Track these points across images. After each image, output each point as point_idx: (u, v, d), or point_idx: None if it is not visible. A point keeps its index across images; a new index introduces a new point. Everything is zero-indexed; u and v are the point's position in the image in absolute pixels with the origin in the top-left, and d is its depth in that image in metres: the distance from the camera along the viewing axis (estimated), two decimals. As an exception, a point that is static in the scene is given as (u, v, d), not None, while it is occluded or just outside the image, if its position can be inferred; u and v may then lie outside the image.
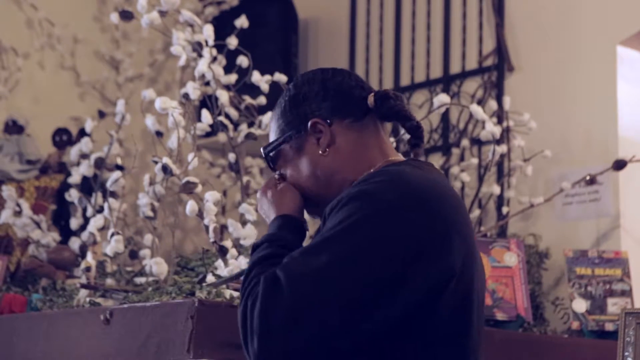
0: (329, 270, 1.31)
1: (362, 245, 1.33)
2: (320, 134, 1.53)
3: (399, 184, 1.38)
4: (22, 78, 4.53)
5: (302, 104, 1.56)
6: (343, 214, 1.36)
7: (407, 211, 1.35)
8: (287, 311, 1.30)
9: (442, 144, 4.33)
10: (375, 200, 1.35)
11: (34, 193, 4.12)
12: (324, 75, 1.58)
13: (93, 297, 3.07)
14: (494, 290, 3.19)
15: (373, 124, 1.55)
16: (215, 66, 3.38)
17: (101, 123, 4.22)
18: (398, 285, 1.33)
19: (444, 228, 1.39)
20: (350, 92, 1.55)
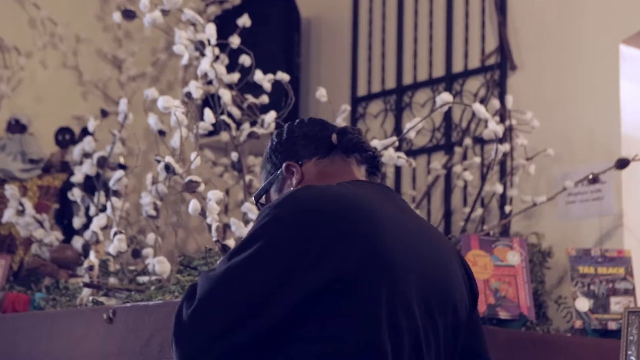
0: (227, 277, 1.52)
1: (252, 254, 1.53)
2: (292, 174, 1.77)
3: (292, 199, 1.58)
4: (24, 77, 4.53)
5: (278, 153, 1.81)
6: (253, 228, 1.58)
7: (292, 222, 1.54)
8: (193, 314, 1.51)
9: (444, 142, 4.33)
10: (269, 214, 1.56)
11: (37, 192, 4.12)
12: (292, 126, 1.84)
13: (96, 296, 3.07)
14: (497, 289, 3.19)
15: (339, 158, 1.77)
16: (217, 65, 3.38)
17: (104, 122, 4.22)
18: (279, 287, 1.52)
19: (327, 237, 1.53)
20: (315, 135, 1.79)
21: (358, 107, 4.72)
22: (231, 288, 1.52)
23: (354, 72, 4.77)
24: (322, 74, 4.91)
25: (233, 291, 1.52)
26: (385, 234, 1.60)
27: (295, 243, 1.53)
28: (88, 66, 4.74)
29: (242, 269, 1.53)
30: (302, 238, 1.53)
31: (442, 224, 4.27)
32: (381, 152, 3.24)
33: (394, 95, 4.60)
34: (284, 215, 1.56)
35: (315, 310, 1.53)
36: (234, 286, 1.52)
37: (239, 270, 1.53)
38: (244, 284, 1.52)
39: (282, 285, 1.52)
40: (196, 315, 1.51)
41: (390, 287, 1.58)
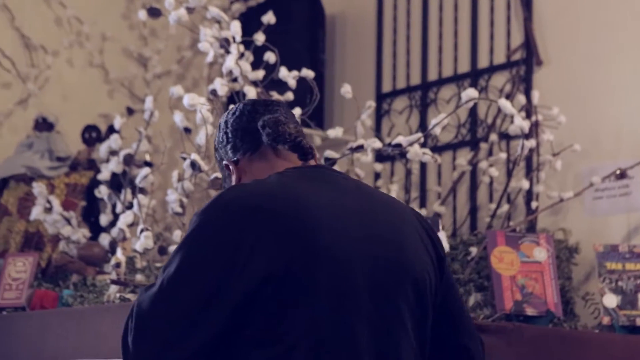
0: (164, 281, 1.53)
1: (183, 262, 1.53)
2: (232, 173, 1.76)
3: (217, 202, 1.57)
4: (51, 76, 4.57)
5: (218, 150, 1.81)
6: (186, 235, 1.59)
7: (218, 225, 1.54)
8: (138, 318, 1.55)
9: (470, 138, 4.31)
10: (196, 221, 1.57)
11: (64, 190, 4.15)
12: (226, 119, 1.80)
13: (123, 292, 3.09)
14: (523, 285, 3.18)
15: (269, 149, 1.73)
16: (242, 62, 3.39)
17: (130, 120, 4.25)
18: (215, 291, 1.51)
19: (255, 235, 1.52)
20: (244, 129, 1.76)
21: (383, 104, 4.71)
22: (170, 301, 1.53)
23: (379, 68, 4.76)
24: (347, 71, 4.91)
25: (172, 304, 1.52)
26: (318, 223, 1.57)
27: (225, 245, 1.53)
28: (114, 64, 4.77)
29: (176, 279, 1.53)
30: (231, 239, 1.52)
31: (468, 221, 4.25)
32: (406, 148, 3.23)
33: (419, 91, 4.59)
34: (210, 218, 1.56)
35: (255, 310, 1.52)
36: (172, 298, 1.52)
37: (174, 281, 1.53)
38: (181, 294, 1.52)
39: (219, 289, 1.51)
40: (139, 333, 1.54)
41: (330, 279, 1.55)
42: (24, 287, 3.53)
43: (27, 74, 4.50)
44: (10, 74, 4.47)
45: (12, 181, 4.20)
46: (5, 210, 4.15)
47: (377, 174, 4.51)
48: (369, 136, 3.66)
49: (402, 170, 4.57)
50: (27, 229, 4.07)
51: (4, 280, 3.59)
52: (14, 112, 4.47)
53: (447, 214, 4.28)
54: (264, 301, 1.52)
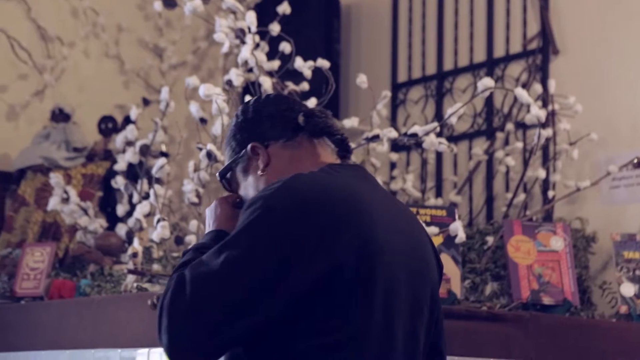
0: (224, 269, 1.49)
1: (249, 246, 1.50)
2: (258, 156, 1.71)
3: (286, 189, 1.54)
4: (67, 67, 4.58)
5: (243, 131, 1.74)
6: (241, 219, 1.55)
7: (288, 213, 1.51)
8: (188, 306, 1.48)
9: (486, 128, 4.30)
10: (263, 205, 1.53)
11: (81, 180, 4.16)
12: (258, 104, 1.76)
13: (140, 282, 3.10)
14: (540, 274, 3.17)
15: (307, 140, 1.71)
16: (258, 53, 3.39)
17: (146, 110, 4.25)
18: (278, 280, 1.49)
19: (324, 227, 1.51)
20: (282, 115, 1.72)
21: (398, 93, 4.70)
22: (229, 282, 1.49)
23: (394, 58, 4.75)
24: (362, 61, 4.90)
25: (231, 285, 1.49)
26: (375, 222, 1.59)
27: (291, 234, 1.51)
28: (129, 55, 4.78)
29: (239, 262, 1.50)
30: (298, 229, 1.51)
31: (484, 210, 4.24)
32: (422, 138, 3.22)
33: (434, 81, 4.58)
34: (277, 205, 1.53)
35: (313, 302, 1.51)
36: (232, 280, 1.49)
37: (237, 263, 1.49)
38: (242, 278, 1.49)
39: (280, 278, 1.49)
40: (193, 308, 1.48)
41: (384, 274, 1.57)
42: (41, 276, 3.55)
43: (43, 65, 4.52)
44: (27, 65, 4.49)
45: (30, 172, 4.23)
46: (22, 200, 4.17)
47: (392, 164, 4.50)
48: (385, 126, 3.65)
49: (418, 160, 4.57)
50: (45, 219, 4.09)
51: (22, 270, 3.61)
52: (30, 103, 4.49)
53: (463, 204, 4.27)
54: (323, 294, 1.52)
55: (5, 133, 4.35)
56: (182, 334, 1.49)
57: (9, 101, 4.45)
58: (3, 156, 4.37)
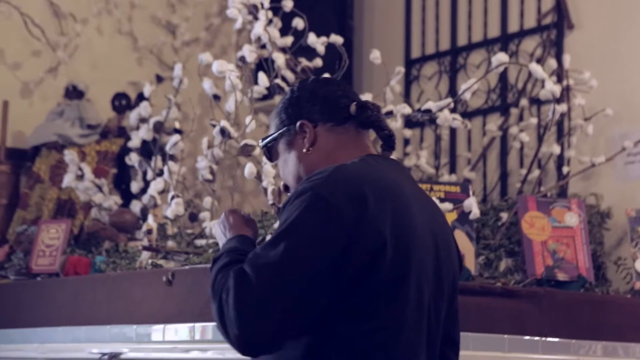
0: (285, 259, 1.56)
1: (306, 235, 1.58)
2: (305, 134, 1.77)
3: (333, 179, 1.61)
4: (81, 44, 4.58)
5: (295, 106, 1.79)
6: (291, 209, 1.60)
7: (337, 201, 1.58)
8: (257, 298, 1.55)
9: (500, 104, 4.28)
10: (313, 195, 1.60)
11: (95, 157, 4.17)
12: (316, 83, 1.83)
13: (155, 259, 3.12)
14: (554, 250, 3.17)
15: (354, 129, 1.78)
16: (271, 29, 3.38)
17: (159, 87, 4.26)
18: (336, 265, 1.57)
19: (368, 213, 1.59)
20: (336, 100, 1.78)
21: (412, 69, 4.68)
22: (294, 271, 1.56)
23: (408, 33, 4.73)
24: (376, 36, 4.88)
25: (296, 273, 1.56)
26: (412, 212, 1.67)
27: (342, 222, 1.58)
28: (142, 32, 4.77)
29: (300, 250, 1.57)
30: (347, 218, 1.58)
31: (499, 186, 4.24)
32: (436, 114, 3.22)
33: (448, 57, 4.56)
34: (326, 194, 1.59)
35: (356, 287, 1.59)
36: (296, 269, 1.56)
37: (297, 252, 1.57)
38: (305, 266, 1.57)
39: (337, 263, 1.57)
40: (263, 300, 1.54)
41: (417, 264, 1.66)
42: (57, 253, 3.57)
43: (56, 42, 4.52)
44: (40, 42, 4.48)
45: (44, 149, 4.24)
46: (37, 177, 4.19)
47: (406, 140, 4.49)
48: (398, 102, 3.64)
49: (431, 136, 4.55)
50: (60, 196, 4.10)
51: (38, 247, 3.63)
52: (44, 80, 4.50)
53: (477, 180, 4.26)
54: (366, 280, 1.59)
55: (19, 110, 4.36)
56: (254, 325, 1.54)
57: (22, 78, 4.46)
58: (17, 133, 4.38)
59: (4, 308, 3.49)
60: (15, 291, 3.52)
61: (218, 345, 2.65)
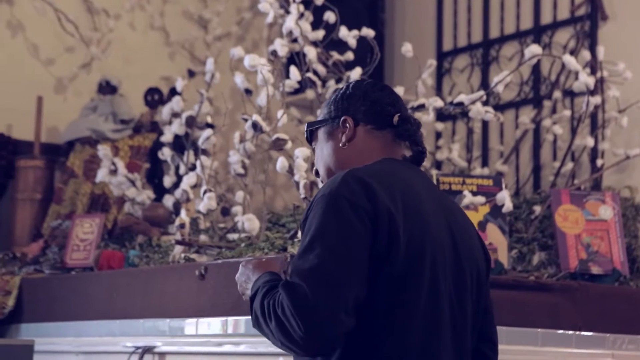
0: (327, 259, 1.65)
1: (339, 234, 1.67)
2: (345, 129, 1.86)
3: (345, 179, 1.71)
4: (114, 39, 4.61)
5: (345, 102, 1.89)
6: (315, 215, 1.70)
7: (355, 198, 1.69)
8: (315, 300, 1.62)
9: (533, 96, 4.25)
10: (333, 197, 1.70)
11: (128, 152, 4.20)
12: (371, 87, 1.91)
13: (188, 253, 3.13)
14: (588, 244, 3.14)
15: (391, 137, 1.87)
16: (302, 22, 3.38)
17: (191, 82, 4.27)
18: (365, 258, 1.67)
19: (382, 210, 1.69)
20: (383, 107, 1.88)
21: (444, 62, 4.66)
22: (334, 269, 1.65)
23: (440, 26, 4.70)
24: (407, 29, 4.86)
25: (337, 271, 1.65)
26: (422, 205, 1.77)
27: (366, 217, 1.68)
28: (174, 27, 4.79)
29: (334, 250, 1.66)
30: (368, 212, 1.68)
31: (531, 179, 4.21)
32: (468, 106, 3.20)
33: (480, 49, 4.53)
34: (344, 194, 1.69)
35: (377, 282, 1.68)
36: (336, 267, 1.65)
37: (332, 252, 1.66)
38: (342, 263, 1.65)
39: (365, 256, 1.67)
40: (319, 303, 1.62)
41: (431, 256, 1.73)
42: (91, 247, 3.60)
43: (90, 37, 4.55)
44: (74, 38, 4.52)
45: (78, 144, 4.27)
46: (71, 172, 4.22)
47: (438, 133, 4.48)
48: (430, 95, 3.63)
49: (463, 129, 4.53)
50: (93, 191, 4.13)
51: (72, 241, 3.66)
52: (78, 75, 4.53)
53: (509, 173, 4.24)
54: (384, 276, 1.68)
55: (53, 106, 4.40)
56: (321, 326, 1.62)
57: (56, 74, 4.50)
58: (52, 129, 4.43)
59: (39, 302, 3.53)
60: (50, 285, 3.55)
61: (250, 338, 2.66)
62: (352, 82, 1.95)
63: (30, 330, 3.49)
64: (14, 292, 3.56)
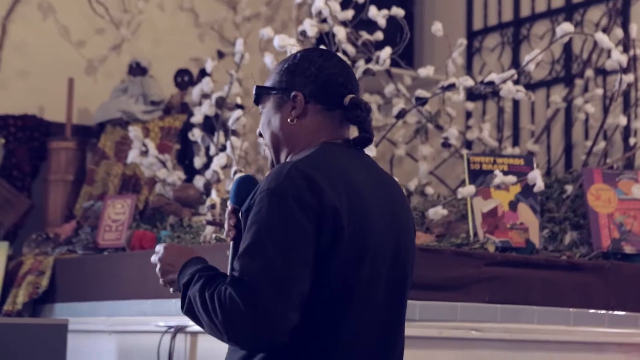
0: (273, 258, 1.67)
1: (287, 229, 1.68)
2: (295, 105, 1.83)
3: (292, 175, 1.71)
4: (143, 21, 4.62)
5: (296, 75, 1.85)
6: (262, 208, 1.70)
7: (301, 193, 1.69)
8: (266, 299, 1.64)
9: (564, 75, 4.21)
10: (279, 192, 1.70)
11: (159, 133, 4.22)
12: (322, 62, 1.86)
13: (219, 233, 3.15)
14: (621, 223, 3.12)
15: (339, 118, 1.84)
16: (331, 2, 3.36)
17: (220, 63, 4.26)
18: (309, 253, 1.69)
19: (327, 206, 1.70)
20: (334, 88, 1.84)
21: (474, 41, 4.63)
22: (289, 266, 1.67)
23: (470, 5, 4.67)
24: (437, 8, 4.83)
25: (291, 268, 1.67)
26: (363, 197, 1.78)
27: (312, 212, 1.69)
28: (203, 8, 4.80)
29: (287, 244, 1.67)
30: (313, 207, 1.69)
31: (563, 159, 4.18)
32: (499, 86, 3.18)
33: (511, 28, 4.49)
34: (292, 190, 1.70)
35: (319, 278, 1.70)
36: (290, 262, 1.67)
37: (284, 245, 1.67)
38: (297, 258, 1.67)
39: (309, 251, 1.68)
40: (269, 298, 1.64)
41: (373, 246, 1.75)
42: (123, 228, 3.63)
43: (120, 19, 4.57)
44: (104, 20, 4.54)
45: (109, 126, 4.30)
46: (103, 154, 4.25)
47: (468, 113, 4.45)
48: (460, 74, 3.61)
49: (494, 109, 4.51)
50: (125, 172, 4.16)
51: (104, 222, 3.69)
52: (108, 57, 4.56)
53: (541, 153, 4.21)
54: (327, 264, 1.71)
55: (84, 88, 4.42)
56: (269, 326, 1.65)
57: (87, 56, 4.52)
58: (83, 110, 4.46)
59: (72, 282, 3.57)
60: (83, 265, 3.59)
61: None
62: (306, 52, 1.89)
63: (64, 310, 3.53)
64: (48, 273, 3.60)
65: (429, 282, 2.76)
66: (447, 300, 2.80)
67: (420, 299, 2.73)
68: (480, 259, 2.88)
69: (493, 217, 3.08)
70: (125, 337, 3.28)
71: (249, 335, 1.65)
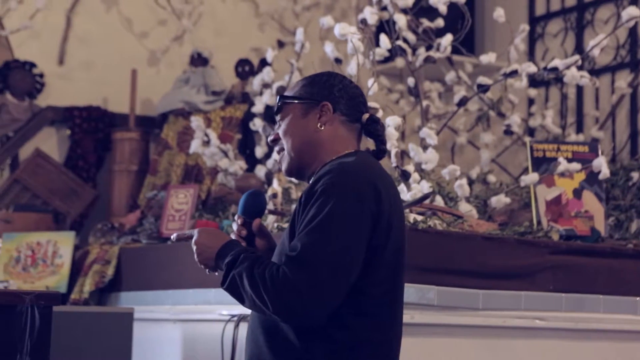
0: (335, 247, 1.81)
1: (348, 220, 1.84)
2: (323, 114, 2.00)
3: (351, 172, 1.89)
4: (204, 11, 4.66)
5: (326, 88, 2.03)
6: (324, 202, 1.84)
7: (362, 190, 1.87)
8: (321, 283, 1.79)
9: (630, 60, 4.14)
10: (342, 187, 1.86)
11: (220, 123, 4.25)
12: (345, 82, 2.07)
13: (280, 222, 3.16)
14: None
15: (357, 131, 2.05)
16: (392, -10, 3.35)
17: (281, 52, 4.29)
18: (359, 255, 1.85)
19: (383, 212, 1.88)
20: (357, 103, 2.05)
21: (536, 27, 4.57)
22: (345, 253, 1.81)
23: (532, -10, 4.61)
24: (498, -6, 4.78)
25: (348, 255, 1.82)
26: (399, 200, 1.99)
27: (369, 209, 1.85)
28: (264, -2, 4.82)
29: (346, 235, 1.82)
30: (371, 205, 1.85)
31: (628, 145, 4.11)
32: (563, 72, 3.13)
33: (574, 13, 4.42)
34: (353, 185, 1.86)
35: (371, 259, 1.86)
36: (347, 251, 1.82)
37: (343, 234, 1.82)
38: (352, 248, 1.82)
39: (362, 252, 1.85)
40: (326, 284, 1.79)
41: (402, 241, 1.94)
42: (186, 217, 3.67)
43: (181, 10, 4.61)
44: (166, 11, 4.58)
45: (171, 116, 4.34)
46: (166, 144, 4.30)
47: (531, 100, 4.40)
48: (523, 61, 3.56)
49: (557, 95, 4.45)
50: (187, 162, 4.20)
51: (168, 212, 3.74)
52: (170, 48, 4.60)
53: (605, 139, 4.15)
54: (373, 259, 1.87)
55: (147, 78, 4.48)
56: (319, 308, 1.80)
57: (150, 47, 4.58)
58: (146, 101, 4.51)
59: (137, 271, 3.62)
60: (147, 254, 3.64)
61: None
62: (334, 73, 2.07)
63: (130, 299, 3.58)
64: (113, 262, 3.65)
65: (492, 270, 2.74)
66: (511, 289, 2.77)
67: (484, 287, 2.72)
68: (544, 248, 2.85)
69: (557, 205, 3.04)
70: (189, 326, 3.32)
71: (296, 312, 1.79)
